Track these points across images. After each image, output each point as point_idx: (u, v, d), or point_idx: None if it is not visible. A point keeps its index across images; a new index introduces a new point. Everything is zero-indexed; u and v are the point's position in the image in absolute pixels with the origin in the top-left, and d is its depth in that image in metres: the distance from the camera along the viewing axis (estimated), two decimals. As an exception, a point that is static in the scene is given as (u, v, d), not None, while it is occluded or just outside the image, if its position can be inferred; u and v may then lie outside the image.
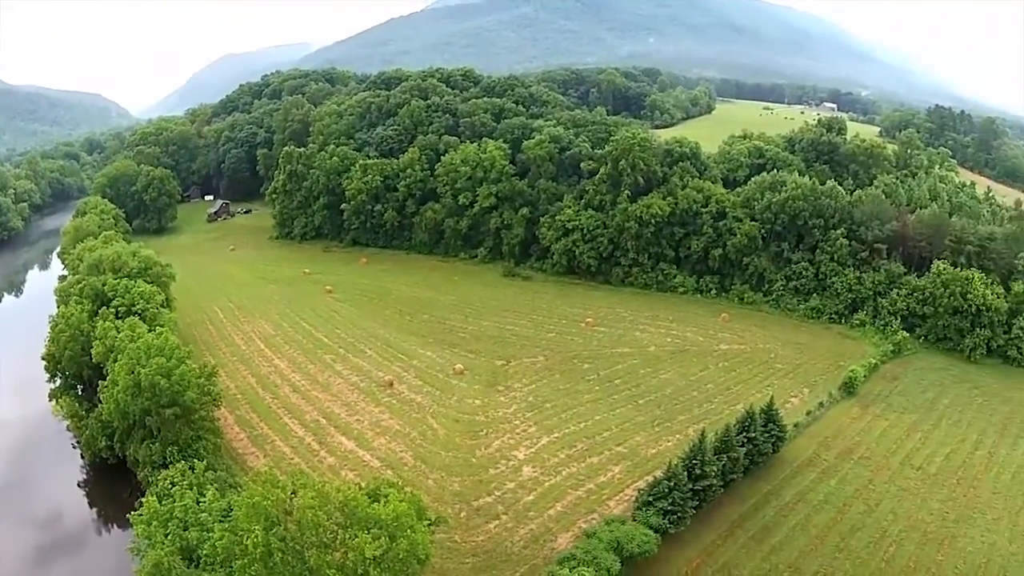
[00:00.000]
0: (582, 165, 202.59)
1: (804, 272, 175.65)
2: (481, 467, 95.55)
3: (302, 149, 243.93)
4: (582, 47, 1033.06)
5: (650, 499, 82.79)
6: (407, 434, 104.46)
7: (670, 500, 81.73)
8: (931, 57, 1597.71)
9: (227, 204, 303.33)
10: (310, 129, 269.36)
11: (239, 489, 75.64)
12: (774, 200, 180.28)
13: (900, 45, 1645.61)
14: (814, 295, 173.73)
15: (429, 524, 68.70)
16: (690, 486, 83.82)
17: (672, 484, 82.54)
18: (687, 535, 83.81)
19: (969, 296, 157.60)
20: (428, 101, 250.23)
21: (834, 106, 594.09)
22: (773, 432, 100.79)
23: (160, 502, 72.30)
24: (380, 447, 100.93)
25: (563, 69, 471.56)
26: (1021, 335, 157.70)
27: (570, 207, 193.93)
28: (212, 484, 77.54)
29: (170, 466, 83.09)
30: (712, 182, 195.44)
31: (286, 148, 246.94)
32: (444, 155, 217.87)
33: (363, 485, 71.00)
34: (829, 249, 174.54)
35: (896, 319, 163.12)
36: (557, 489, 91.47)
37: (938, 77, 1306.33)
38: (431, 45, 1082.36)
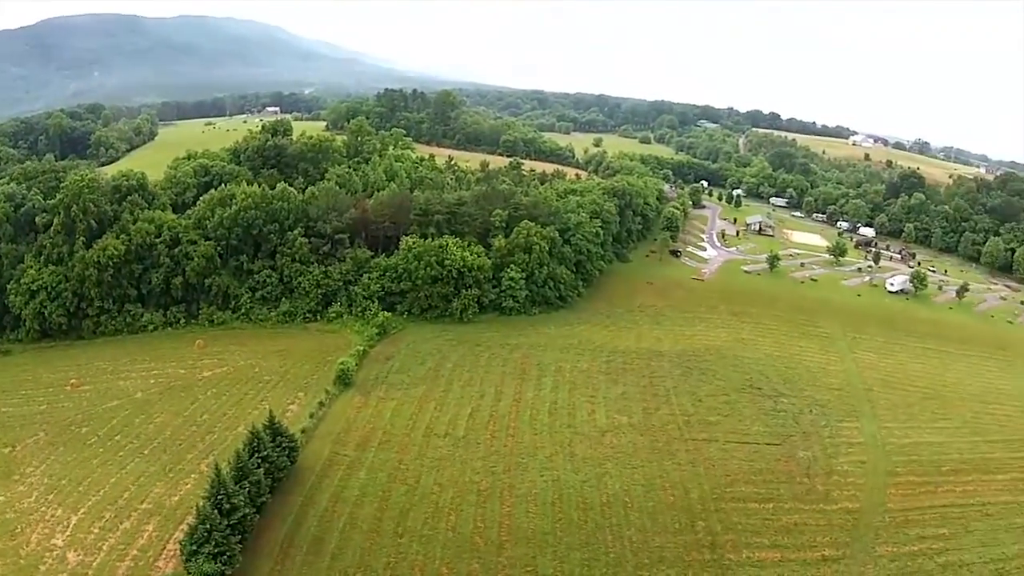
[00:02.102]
0: (37, 219, 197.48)
1: (268, 279, 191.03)
2: (31, 567, 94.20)
3: None
4: (33, 92, 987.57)
5: (194, 548, 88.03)
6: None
7: (213, 543, 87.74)
8: (381, 47, 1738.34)
9: None
10: None
11: None
12: (225, 215, 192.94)
13: (347, 40, 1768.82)
14: (283, 300, 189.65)
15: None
16: (225, 523, 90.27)
17: (208, 527, 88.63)
18: (245, 572, 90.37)
19: (447, 262, 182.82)
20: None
21: (276, 109, 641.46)
22: (284, 444, 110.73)
23: None
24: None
25: (12, 120, 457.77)
26: (512, 285, 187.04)
27: (32, 267, 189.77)
28: None
29: None
30: (162, 210, 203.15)
31: None
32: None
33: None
34: (289, 251, 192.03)
35: (373, 302, 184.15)
36: (107, 566, 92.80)
37: (389, 63, 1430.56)
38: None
